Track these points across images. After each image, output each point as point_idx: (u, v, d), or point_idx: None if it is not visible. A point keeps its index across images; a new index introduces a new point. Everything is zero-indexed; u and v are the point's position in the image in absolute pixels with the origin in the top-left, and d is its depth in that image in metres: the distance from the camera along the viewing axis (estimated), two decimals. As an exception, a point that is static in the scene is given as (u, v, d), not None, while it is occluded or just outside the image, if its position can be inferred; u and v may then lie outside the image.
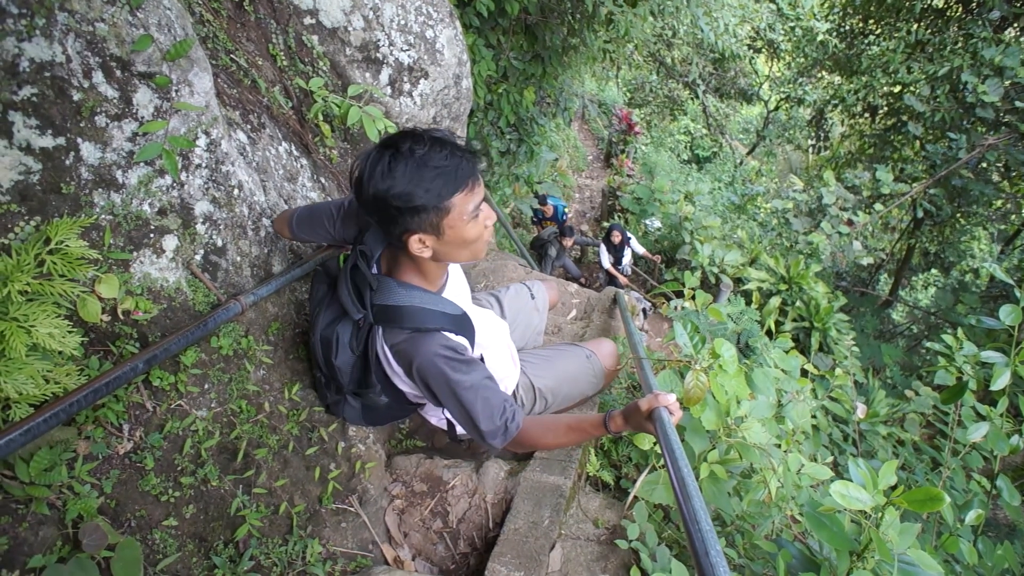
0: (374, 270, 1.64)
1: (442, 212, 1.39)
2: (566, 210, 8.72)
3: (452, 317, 1.59)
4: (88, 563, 1.31)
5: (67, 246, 1.31)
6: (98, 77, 1.34)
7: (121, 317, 1.49)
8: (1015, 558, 1.86)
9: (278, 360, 1.91)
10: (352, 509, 1.92)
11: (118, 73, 1.38)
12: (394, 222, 1.41)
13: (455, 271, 1.79)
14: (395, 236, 1.46)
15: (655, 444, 1.96)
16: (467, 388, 1.51)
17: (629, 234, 7.54)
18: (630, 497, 2.02)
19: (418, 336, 1.53)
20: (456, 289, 1.74)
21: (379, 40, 2.40)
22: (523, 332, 2.37)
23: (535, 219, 8.86)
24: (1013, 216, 8.29)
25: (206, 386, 1.70)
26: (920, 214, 6.71)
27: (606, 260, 7.33)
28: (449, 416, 1.88)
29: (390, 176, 1.35)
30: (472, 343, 1.67)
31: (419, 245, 1.46)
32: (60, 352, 1.30)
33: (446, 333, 1.55)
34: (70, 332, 1.30)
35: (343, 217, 1.77)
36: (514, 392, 2.06)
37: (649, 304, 5.82)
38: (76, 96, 1.32)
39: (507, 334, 2.04)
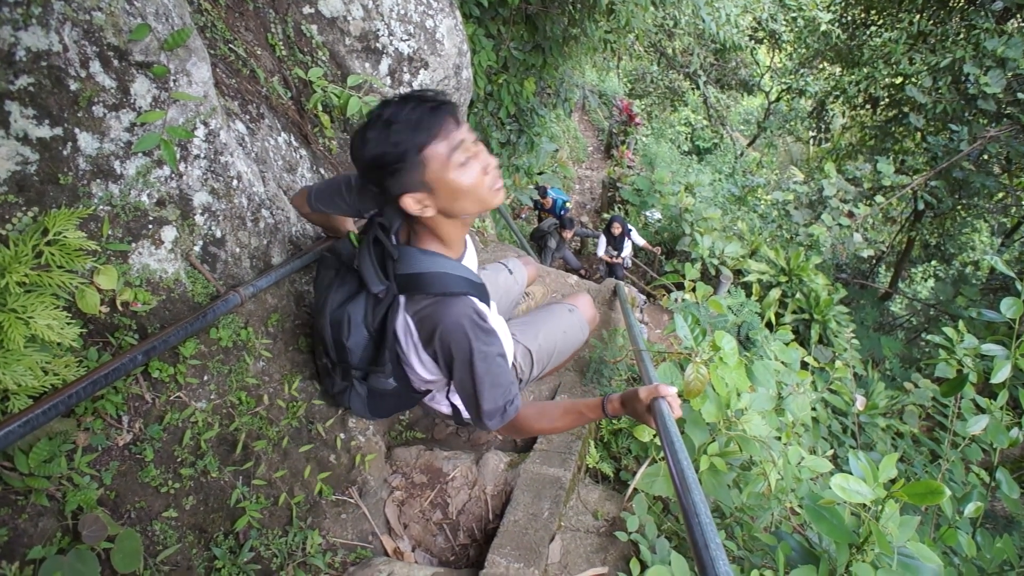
0: (394, 242, 1.62)
1: (420, 166, 1.38)
2: (567, 204, 8.70)
3: (475, 284, 1.57)
4: (88, 554, 1.31)
5: (65, 237, 1.30)
6: (95, 66, 1.33)
7: (120, 308, 1.49)
8: (1014, 550, 1.86)
9: (277, 352, 1.90)
10: (352, 500, 1.92)
11: (115, 62, 1.36)
12: (384, 188, 1.42)
13: (470, 244, 1.77)
14: (393, 202, 1.45)
15: (655, 436, 1.96)
16: (483, 359, 1.49)
17: (630, 226, 7.53)
18: (630, 489, 2.02)
19: (445, 300, 1.50)
20: (472, 261, 1.73)
21: (378, 30, 2.39)
22: (506, 307, 2.38)
23: (535, 207, 8.85)
24: (1014, 208, 8.27)
25: (205, 378, 1.70)
26: (921, 206, 6.71)
27: (601, 248, 7.34)
28: (453, 400, 1.88)
29: (364, 143, 1.38)
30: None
31: (417, 206, 1.44)
32: (59, 343, 1.29)
33: (472, 298, 1.53)
34: (69, 323, 1.29)
35: (359, 189, 1.74)
36: (513, 363, 2.05)
37: (643, 298, 5.83)
38: (73, 86, 1.30)
39: (495, 310, 2.04)
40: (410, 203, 1.44)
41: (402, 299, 1.57)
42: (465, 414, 1.89)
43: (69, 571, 1.28)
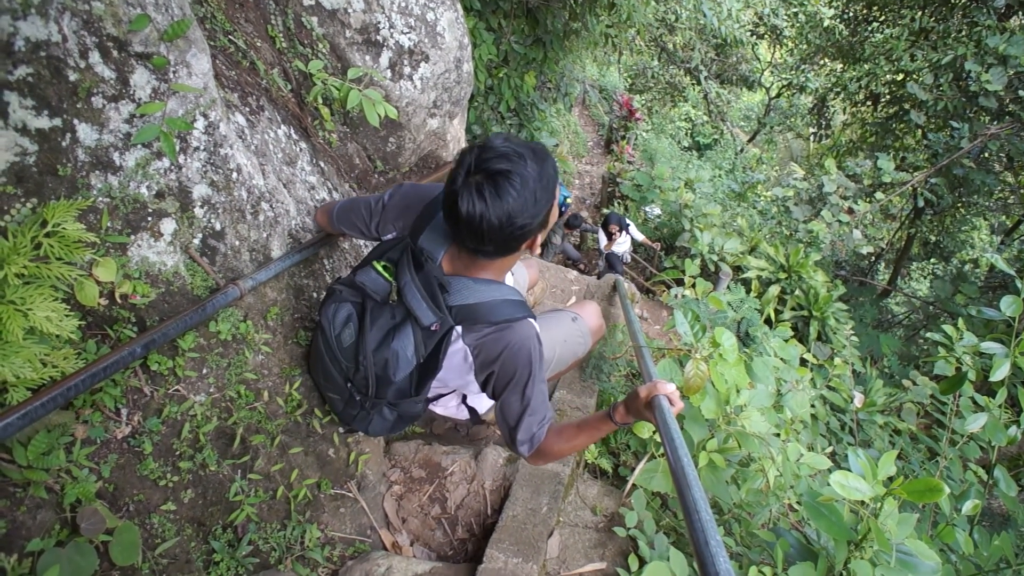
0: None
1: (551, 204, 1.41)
2: (568, 200, 8.66)
3: (527, 305, 1.57)
4: (86, 547, 1.31)
5: (64, 229, 1.29)
6: (95, 57, 1.32)
7: (119, 301, 1.48)
8: (1011, 548, 1.87)
9: (276, 346, 1.90)
10: (350, 495, 1.92)
11: (115, 53, 1.35)
12: (523, 239, 1.41)
13: None
14: (514, 250, 1.46)
15: (654, 432, 1.96)
16: (535, 384, 1.51)
17: (628, 220, 7.51)
18: (628, 485, 2.02)
19: (511, 324, 1.51)
20: (511, 279, 1.73)
21: (379, 22, 2.37)
22: None
23: None
24: (1014, 207, 8.27)
25: (204, 371, 1.69)
26: (921, 203, 6.69)
27: (602, 243, 7.34)
28: (472, 404, 1.87)
29: (518, 202, 1.33)
30: None
31: (531, 243, 1.47)
32: (57, 336, 1.29)
33: (532, 320, 1.54)
34: (67, 315, 1.29)
35: (382, 219, 1.74)
36: None
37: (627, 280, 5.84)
38: (72, 76, 1.29)
39: None
40: (534, 243, 1.47)
41: (459, 329, 1.53)
42: (483, 410, 1.89)
43: (67, 563, 1.28)
